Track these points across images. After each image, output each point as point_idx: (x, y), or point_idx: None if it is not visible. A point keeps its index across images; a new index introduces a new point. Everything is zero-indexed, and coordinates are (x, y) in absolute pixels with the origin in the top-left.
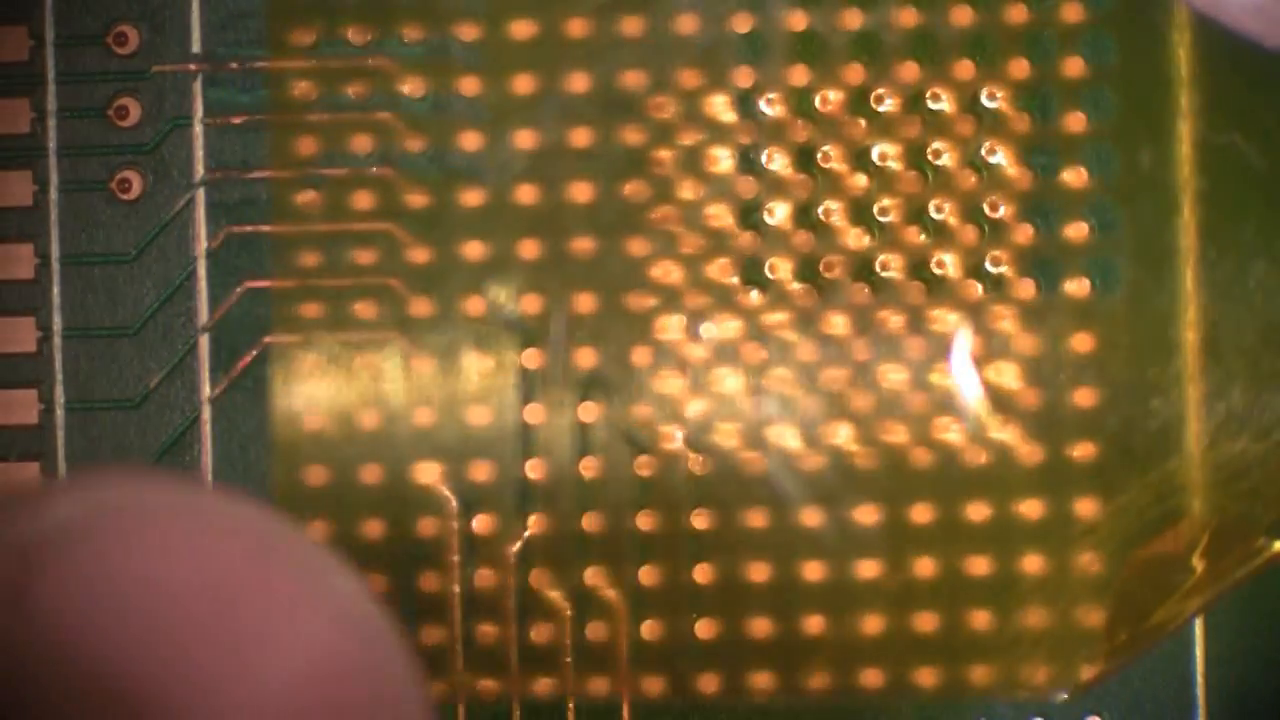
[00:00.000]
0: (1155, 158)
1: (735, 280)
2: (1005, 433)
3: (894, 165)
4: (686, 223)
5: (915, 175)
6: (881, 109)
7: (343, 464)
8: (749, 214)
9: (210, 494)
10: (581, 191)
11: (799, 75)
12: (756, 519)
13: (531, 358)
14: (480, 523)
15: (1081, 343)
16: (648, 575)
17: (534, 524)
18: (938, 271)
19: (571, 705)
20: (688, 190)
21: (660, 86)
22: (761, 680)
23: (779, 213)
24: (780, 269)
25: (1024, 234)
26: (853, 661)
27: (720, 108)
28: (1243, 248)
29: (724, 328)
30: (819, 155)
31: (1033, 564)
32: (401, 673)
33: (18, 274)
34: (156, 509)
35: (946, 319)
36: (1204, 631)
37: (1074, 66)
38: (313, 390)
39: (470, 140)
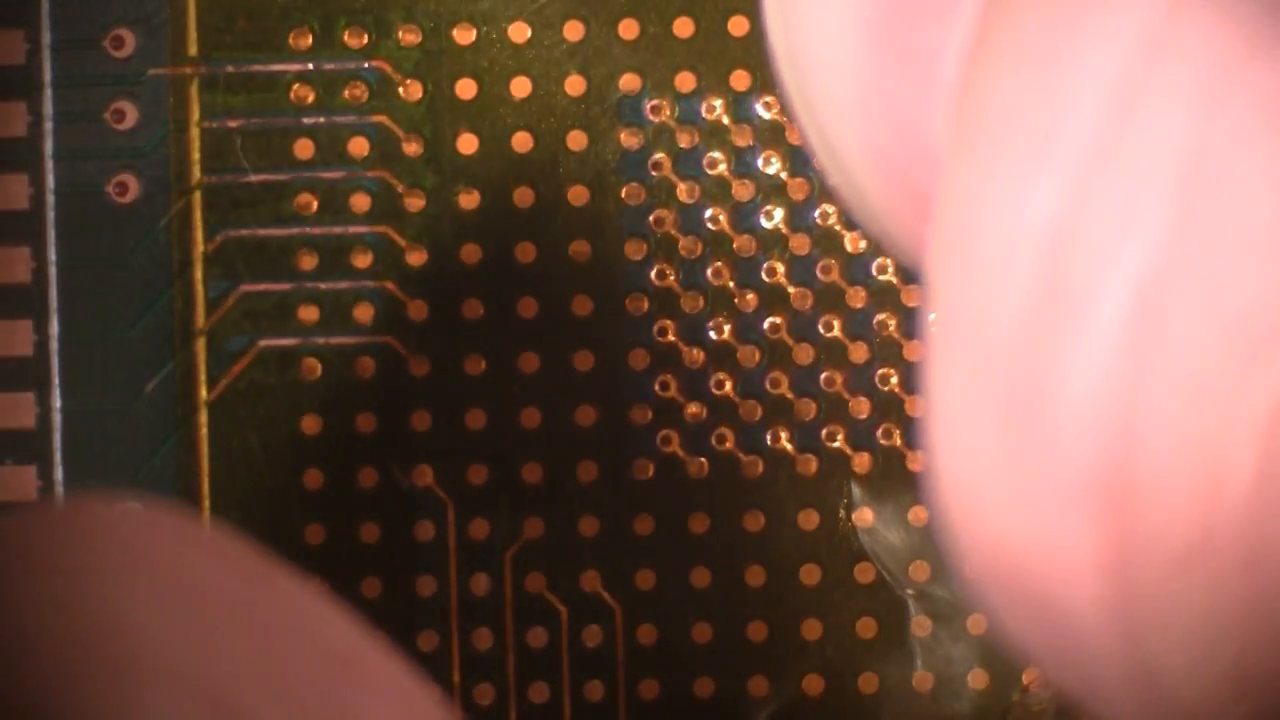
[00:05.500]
0: None
1: (732, 284)
2: None
3: None
4: (683, 228)
5: None
6: None
7: (338, 467)
8: (747, 217)
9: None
10: (578, 196)
11: None
12: (754, 523)
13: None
14: (476, 527)
15: None
16: (644, 579)
17: (530, 528)
18: None
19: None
20: (685, 194)
21: (656, 90)
22: (757, 685)
23: (776, 215)
24: (777, 272)
25: None
26: (847, 665)
27: (717, 111)
28: None
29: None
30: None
31: None
32: None
33: (14, 278)
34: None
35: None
36: None
37: None
38: (309, 394)
39: (467, 143)
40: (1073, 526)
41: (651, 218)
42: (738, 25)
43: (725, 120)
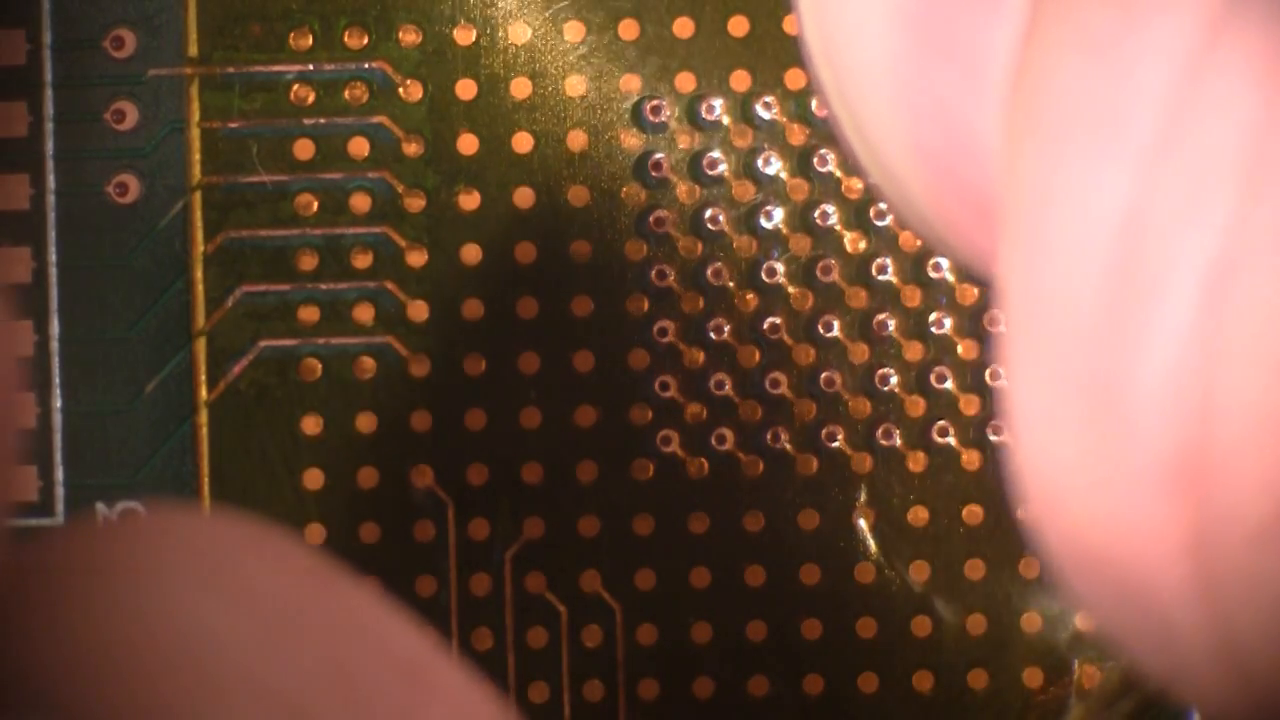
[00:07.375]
0: None
1: (732, 284)
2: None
3: None
4: (683, 228)
5: None
6: None
7: (338, 467)
8: (747, 218)
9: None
10: (578, 196)
11: (795, 79)
12: (754, 523)
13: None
14: (476, 527)
15: None
16: (644, 579)
17: (530, 528)
18: (934, 275)
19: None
20: (685, 194)
21: (656, 90)
22: (757, 685)
23: (776, 215)
24: (777, 272)
25: None
26: (847, 665)
27: (717, 111)
28: None
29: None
30: (815, 159)
31: (1030, 570)
32: None
33: (15, 278)
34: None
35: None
36: None
37: None
38: (309, 394)
39: (467, 143)
40: (1155, 510)
41: (651, 218)
42: (738, 25)
43: (725, 121)
